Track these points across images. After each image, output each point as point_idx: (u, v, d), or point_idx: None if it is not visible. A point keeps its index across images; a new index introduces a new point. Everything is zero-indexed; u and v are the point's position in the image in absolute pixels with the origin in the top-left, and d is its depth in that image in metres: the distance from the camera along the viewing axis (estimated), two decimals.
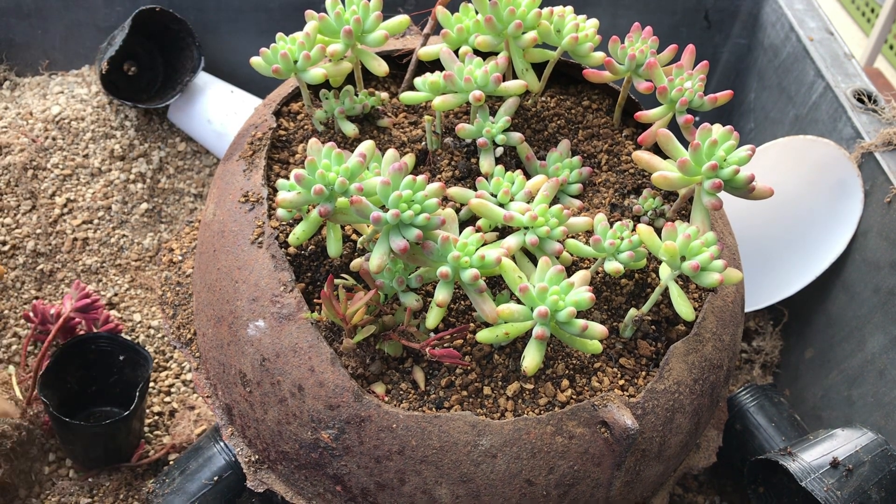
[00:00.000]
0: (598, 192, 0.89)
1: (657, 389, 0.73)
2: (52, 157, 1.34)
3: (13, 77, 1.46)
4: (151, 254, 1.36)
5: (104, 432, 1.02)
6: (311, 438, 0.72)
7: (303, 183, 0.70)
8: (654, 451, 0.74)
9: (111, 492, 1.06)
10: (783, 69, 1.36)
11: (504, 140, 0.83)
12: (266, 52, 0.81)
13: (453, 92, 0.83)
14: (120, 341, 1.07)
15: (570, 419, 0.69)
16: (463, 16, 0.87)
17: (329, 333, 0.75)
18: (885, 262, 1.06)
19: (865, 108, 1.18)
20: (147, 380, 1.02)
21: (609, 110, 0.96)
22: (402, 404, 0.72)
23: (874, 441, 0.94)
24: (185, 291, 0.93)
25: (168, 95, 1.42)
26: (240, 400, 0.78)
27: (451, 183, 0.87)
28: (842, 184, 1.14)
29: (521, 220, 0.72)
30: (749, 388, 1.12)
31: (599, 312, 0.80)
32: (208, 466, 0.98)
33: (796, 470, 0.91)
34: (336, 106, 0.88)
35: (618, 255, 0.74)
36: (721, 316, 0.80)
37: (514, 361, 0.75)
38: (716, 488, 1.16)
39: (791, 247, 1.21)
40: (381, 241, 0.68)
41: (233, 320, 0.76)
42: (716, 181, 0.73)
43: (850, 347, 1.12)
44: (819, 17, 1.36)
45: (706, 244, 0.73)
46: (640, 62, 0.84)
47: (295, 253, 0.80)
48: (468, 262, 0.67)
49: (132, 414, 1.00)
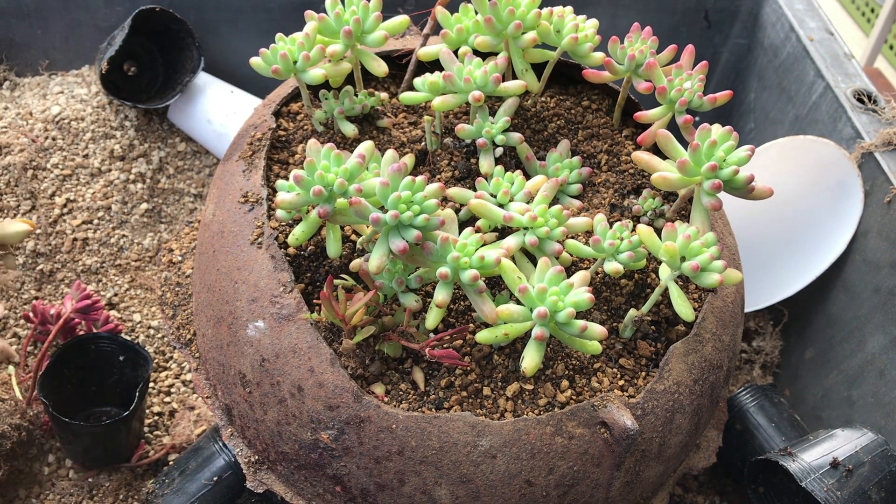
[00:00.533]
0: (598, 192, 0.89)
1: (657, 390, 0.73)
2: (52, 158, 1.34)
3: (13, 77, 1.46)
4: (151, 254, 1.36)
5: (104, 432, 1.02)
6: (311, 439, 0.72)
7: (302, 184, 0.70)
8: (654, 452, 0.74)
9: (111, 492, 1.06)
10: (783, 69, 1.36)
11: (503, 140, 0.83)
12: (266, 52, 0.81)
13: (453, 92, 0.83)
14: (120, 341, 1.07)
15: (569, 420, 0.69)
16: (462, 16, 0.87)
17: (328, 334, 0.75)
18: (885, 262, 1.06)
19: (865, 108, 1.18)
20: (147, 380, 1.02)
21: (609, 110, 0.96)
22: (402, 405, 0.72)
23: (874, 441, 0.94)
24: (184, 292, 0.93)
25: (168, 95, 1.42)
26: (239, 400, 0.78)
27: (451, 183, 0.87)
28: (842, 184, 1.14)
29: (521, 221, 0.72)
30: (749, 388, 1.12)
31: (599, 313, 0.80)
32: (208, 467, 0.98)
33: (796, 470, 0.91)
34: (336, 106, 0.88)
35: (617, 256, 0.74)
36: (721, 316, 0.80)
37: (513, 362, 0.75)
38: (716, 488, 1.15)
39: (791, 247, 1.21)
40: (381, 241, 0.68)
41: (232, 321, 0.76)
42: (715, 182, 0.73)
43: (850, 347, 1.12)
44: (819, 17, 1.36)
45: (706, 245, 0.72)
46: (639, 62, 0.84)
47: (294, 253, 0.80)
48: (468, 262, 0.67)
49: (132, 414, 1.00)
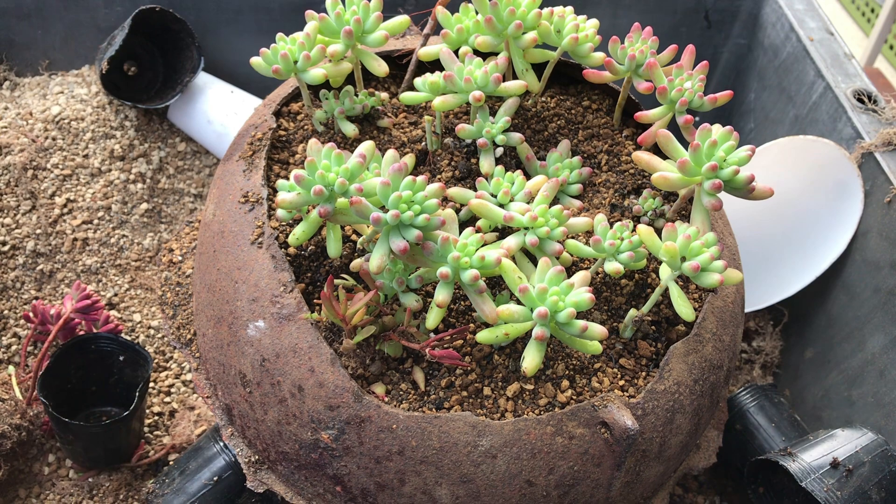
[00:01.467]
0: (598, 192, 0.89)
1: (657, 390, 0.73)
2: (52, 158, 1.34)
3: (13, 77, 1.46)
4: (151, 254, 1.36)
5: (104, 432, 1.02)
6: (311, 439, 0.72)
7: (302, 183, 0.70)
8: (655, 452, 0.74)
9: (111, 492, 1.06)
10: (783, 69, 1.36)
11: (504, 140, 0.83)
12: (266, 52, 0.81)
13: (453, 92, 0.83)
14: (120, 341, 1.07)
15: (570, 420, 0.69)
16: (463, 16, 0.87)
17: (329, 334, 0.75)
18: (886, 262, 1.06)
19: (865, 108, 1.18)
20: (147, 380, 1.02)
21: (609, 110, 0.96)
22: (402, 405, 0.72)
23: (874, 441, 0.94)
24: (184, 292, 0.93)
25: (168, 95, 1.42)
26: (240, 400, 0.78)
27: (451, 183, 0.87)
28: (842, 184, 1.14)
29: (521, 221, 0.72)
30: (749, 388, 1.12)
31: (599, 313, 0.80)
32: (208, 467, 0.98)
33: (796, 470, 0.91)
34: (336, 106, 0.88)
35: (618, 256, 0.74)
36: (721, 316, 0.80)
37: (514, 362, 0.75)
38: (716, 488, 1.15)
39: (791, 247, 1.21)
40: (381, 241, 0.68)
41: (233, 321, 0.76)
42: (716, 182, 0.73)
43: (850, 347, 1.12)
44: (819, 17, 1.36)
45: (706, 245, 0.72)
46: (639, 62, 0.84)
47: (295, 253, 0.80)
48: (468, 262, 0.67)
49: (132, 414, 1.00)
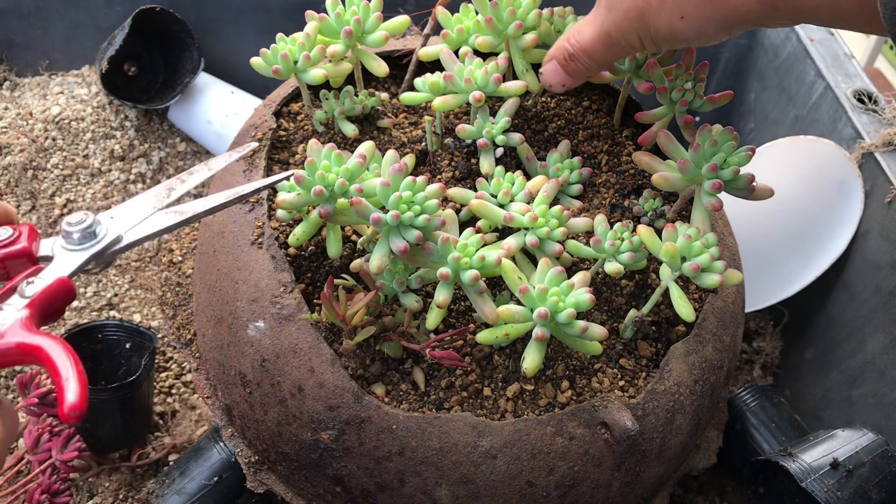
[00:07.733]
0: (599, 192, 0.89)
1: (657, 390, 0.73)
2: (52, 158, 1.34)
3: (13, 77, 1.46)
4: (151, 254, 1.36)
5: (113, 397, 1.01)
6: (311, 439, 0.72)
7: (302, 184, 0.70)
8: (655, 452, 0.74)
9: (111, 492, 1.06)
10: (783, 69, 1.36)
11: (504, 141, 0.83)
12: (266, 52, 0.81)
13: (453, 92, 0.83)
14: (125, 327, 1.08)
15: (570, 420, 0.69)
16: (463, 16, 0.87)
17: (329, 334, 0.75)
18: (886, 262, 1.06)
19: (865, 108, 1.18)
20: (153, 351, 1.01)
21: (609, 110, 0.96)
22: (402, 405, 0.72)
23: (874, 442, 0.94)
24: (184, 292, 0.93)
25: (168, 96, 1.42)
26: (240, 401, 0.78)
27: (452, 184, 0.87)
28: (842, 184, 1.14)
29: (522, 221, 0.72)
30: (749, 388, 1.12)
31: (599, 313, 0.80)
32: (208, 467, 0.98)
33: (796, 471, 0.91)
34: (336, 106, 0.88)
35: (618, 256, 0.74)
36: (721, 317, 0.80)
37: (514, 362, 0.75)
38: (716, 489, 1.15)
39: (791, 247, 1.21)
40: (381, 242, 0.68)
41: (233, 321, 0.76)
42: (716, 182, 0.73)
43: (850, 348, 1.12)
44: None
45: (707, 245, 0.72)
46: (640, 62, 0.84)
47: (295, 254, 0.80)
48: (468, 263, 0.67)
49: (140, 379, 0.99)
